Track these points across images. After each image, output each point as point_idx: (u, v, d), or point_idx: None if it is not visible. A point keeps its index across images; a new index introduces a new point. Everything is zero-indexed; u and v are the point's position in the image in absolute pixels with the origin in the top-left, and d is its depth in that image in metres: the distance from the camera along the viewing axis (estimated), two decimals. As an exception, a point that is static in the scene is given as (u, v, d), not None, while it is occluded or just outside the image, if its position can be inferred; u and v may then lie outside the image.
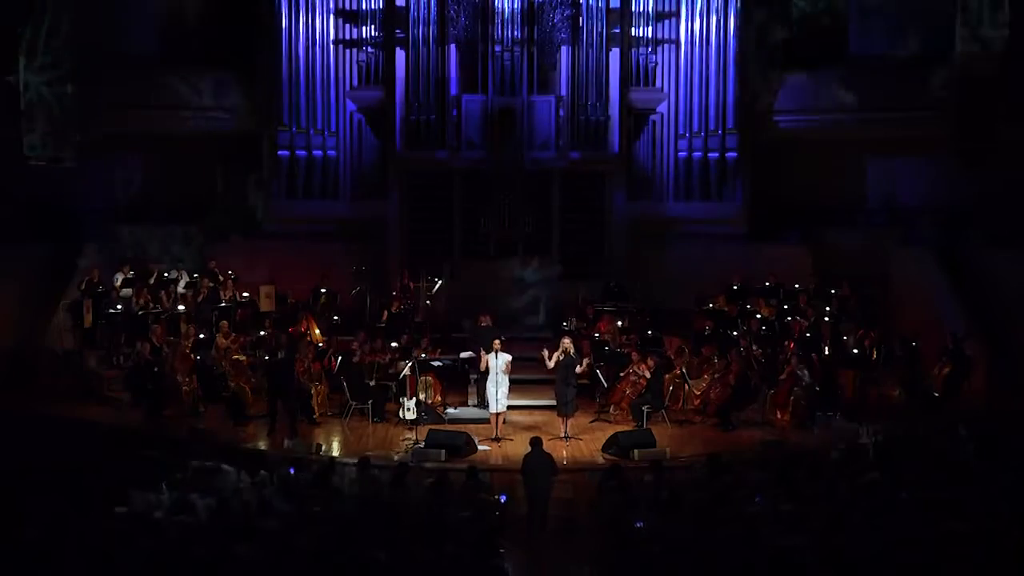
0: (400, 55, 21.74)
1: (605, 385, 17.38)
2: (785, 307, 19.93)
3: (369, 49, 22.45)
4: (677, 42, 22.74)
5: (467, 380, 17.83)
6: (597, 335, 18.78)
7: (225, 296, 19.75)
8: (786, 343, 18.13)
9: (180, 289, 20.10)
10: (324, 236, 22.05)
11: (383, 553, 9.80)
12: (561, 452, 15.78)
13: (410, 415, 16.43)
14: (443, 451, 15.14)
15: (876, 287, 20.78)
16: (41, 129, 20.18)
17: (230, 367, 17.56)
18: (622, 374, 17.37)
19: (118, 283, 19.55)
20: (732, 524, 10.69)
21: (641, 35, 22.53)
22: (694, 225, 22.48)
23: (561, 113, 21.64)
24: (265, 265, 20.78)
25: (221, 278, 20.15)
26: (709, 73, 22.56)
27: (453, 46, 21.63)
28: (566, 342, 16.45)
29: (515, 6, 21.32)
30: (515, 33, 21.34)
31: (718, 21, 22.44)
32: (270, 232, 22.49)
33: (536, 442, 13.52)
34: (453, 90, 21.69)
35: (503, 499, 13.09)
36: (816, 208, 22.32)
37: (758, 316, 19.37)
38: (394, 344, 17.90)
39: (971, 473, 12.35)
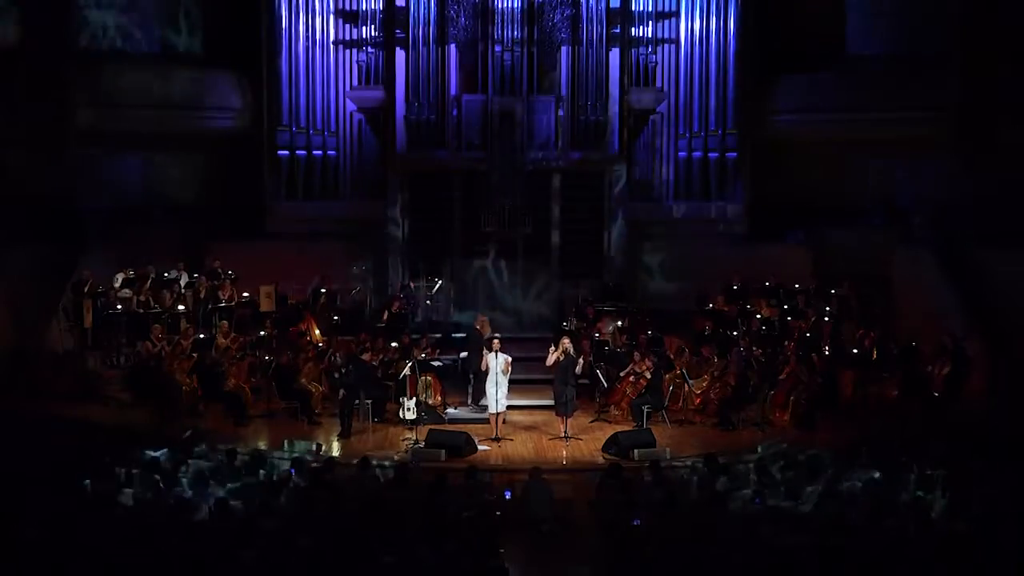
0: (400, 55, 21.73)
1: (605, 385, 17.38)
2: (785, 307, 19.93)
3: (369, 49, 22.43)
4: (677, 42, 22.72)
5: (467, 380, 17.82)
6: (597, 335, 18.79)
7: (225, 296, 19.77)
8: (786, 343, 18.14)
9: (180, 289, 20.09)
10: (324, 236, 22.06)
11: (384, 554, 9.80)
12: (561, 452, 15.81)
13: (410, 415, 16.43)
14: (443, 451, 15.14)
15: (876, 287, 20.78)
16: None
17: (230, 367, 17.57)
18: (622, 374, 17.38)
19: (118, 283, 19.56)
20: (732, 524, 10.70)
21: (641, 35, 22.53)
22: (694, 225, 22.49)
23: (561, 113, 21.64)
24: (265, 265, 20.78)
25: (222, 277, 20.15)
26: (709, 73, 22.56)
27: (453, 46, 21.62)
28: (566, 342, 16.45)
29: (515, 6, 21.30)
30: (515, 33, 21.32)
31: (718, 21, 22.44)
32: (270, 232, 22.50)
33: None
34: (453, 90, 21.69)
35: (508, 495, 13.11)
36: (816, 208, 22.32)
37: (758, 316, 19.38)
38: (394, 344, 17.92)
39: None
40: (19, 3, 21.33)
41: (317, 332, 19.05)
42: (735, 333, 18.94)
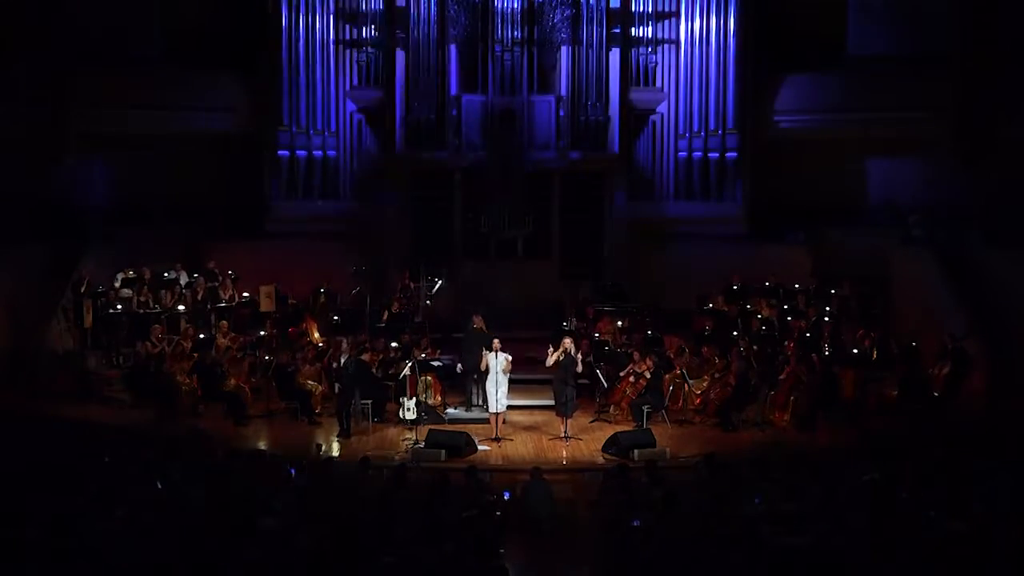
0: (400, 55, 21.77)
1: (605, 385, 17.38)
2: (785, 307, 19.93)
3: (369, 49, 22.47)
4: (677, 42, 22.77)
5: (468, 380, 17.79)
6: (597, 335, 18.79)
7: (225, 296, 19.77)
8: (786, 343, 18.14)
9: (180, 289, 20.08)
10: (324, 236, 22.07)
11: (384, 554, 9.80)
12: (561, 452, 15.81)
13: (410, 415, 16.42)
14: (443, 451, 15.14)
15: (876, 287, 20.78)
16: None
17: (230, 367, 17.57)
18: (622, 374, 17.37)
19: (118, 284, 19.56)
20: (732, 524, 10.69)
21: (641, 35, 22.56)
22: (694, 225, 22.50)
23: (561, 113, 21.68)
24: (265, 265, 20.79)
25: (221, 278, 20.15)
26: (709, 73, 22.60)
27: (453, 46, 21.65)
28: (567, 342, 16.44)
29: (515, 6, 21.34)
30: (515, 33, 21.36)
31: (718, 21, 22.48)
32: (270, 232, 22.51)
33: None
34: (453, 90, 21.71)
35: (507, 495, 13.10)
36: (816, 208, 22.33)
37: (758, 316, 19.38)
38: (394, 344, 17.92)
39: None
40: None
41: (316, 334, 19.05)
42: (735, 333, 18.93)
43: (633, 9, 22.42)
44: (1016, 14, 21.02)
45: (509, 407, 16.82)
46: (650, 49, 22.65)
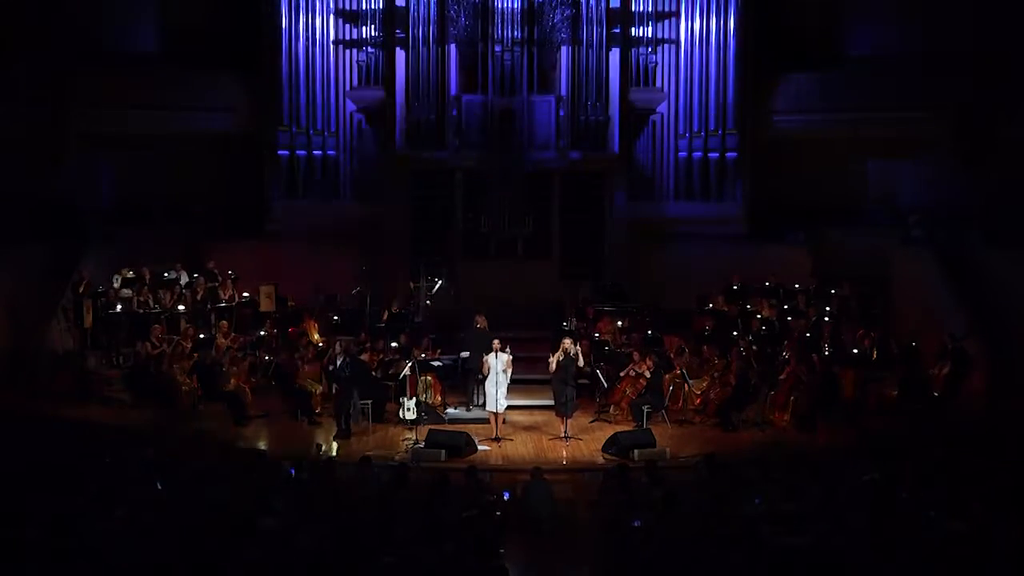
0: (400, 55, 21.75)
1: (605, 385, 17.38)
2: (785, 307, 19.93)
3: (369, 49, 22.47)
4: (677, 42, 22.77)
5: (468, 380, 17.80)
6: (597, 335, 18.79)
7: (225, 296, 19.77)
8: (786, 343, 18.14)
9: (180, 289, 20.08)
10: (324, 236, 22.07)
11: (384, 554, 9.80)
12: (561, 452, 15.81)
13: (410, 415, 16.43)
14: (443, 451, 15.14)
15: (876, 287, 20.78)
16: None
17: (230, 367, 17.57)
18: (622, 374, 17.37)
19: (117, 284, 19.56)
20: (732, 524, 10.69)
21: (641, 35, 22.56)
22: (694, 225, 22.49)
23: (561, 113, 21.66)
24: (265, 265, 20.79)
25: (220, 278, 20.16)
26: (709, 73, 22.60)
27: (453, 46, 21.63)
28: (566, 342, 16.44)
29: (515, 6, 21.33)
30: (515, 33, 21.35)
31: (718, 21, 22.49)
32: (270, 232, 22.51)
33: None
34: (453, 90, 21.70)
35: (506, 496, 13.10)
36: (816, 208, 22.34)
37: (758, 316, 19.38)
38: (394, 344, 17.92)
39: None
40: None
41: (316, 335, 19.05)
42: (735, 333, 18.93)
43: (633, 9, 22.42)
44: (1016, 14, 21.01)
45: (509, 407, 16.83)
46: (650, 49, 22.65)
